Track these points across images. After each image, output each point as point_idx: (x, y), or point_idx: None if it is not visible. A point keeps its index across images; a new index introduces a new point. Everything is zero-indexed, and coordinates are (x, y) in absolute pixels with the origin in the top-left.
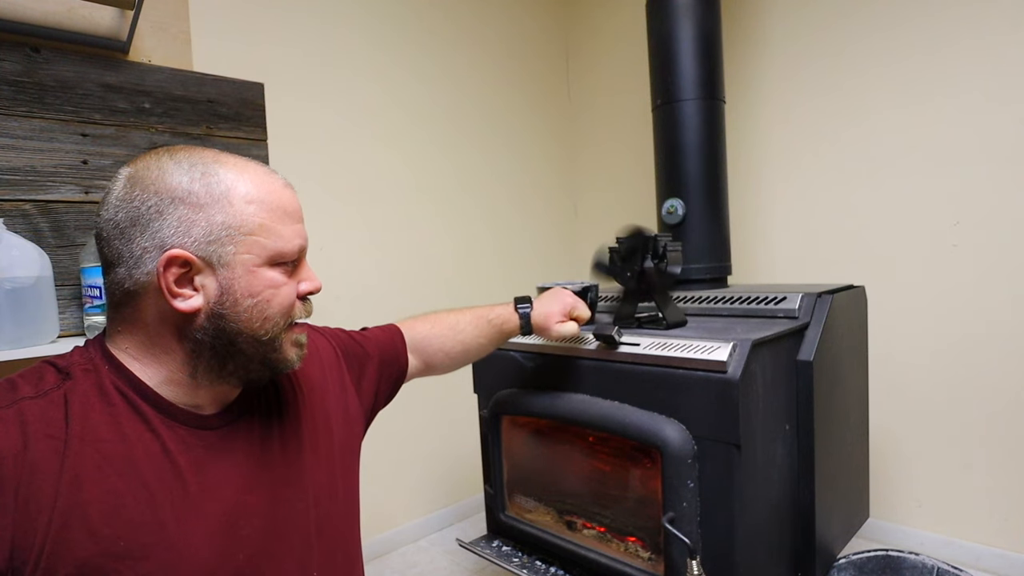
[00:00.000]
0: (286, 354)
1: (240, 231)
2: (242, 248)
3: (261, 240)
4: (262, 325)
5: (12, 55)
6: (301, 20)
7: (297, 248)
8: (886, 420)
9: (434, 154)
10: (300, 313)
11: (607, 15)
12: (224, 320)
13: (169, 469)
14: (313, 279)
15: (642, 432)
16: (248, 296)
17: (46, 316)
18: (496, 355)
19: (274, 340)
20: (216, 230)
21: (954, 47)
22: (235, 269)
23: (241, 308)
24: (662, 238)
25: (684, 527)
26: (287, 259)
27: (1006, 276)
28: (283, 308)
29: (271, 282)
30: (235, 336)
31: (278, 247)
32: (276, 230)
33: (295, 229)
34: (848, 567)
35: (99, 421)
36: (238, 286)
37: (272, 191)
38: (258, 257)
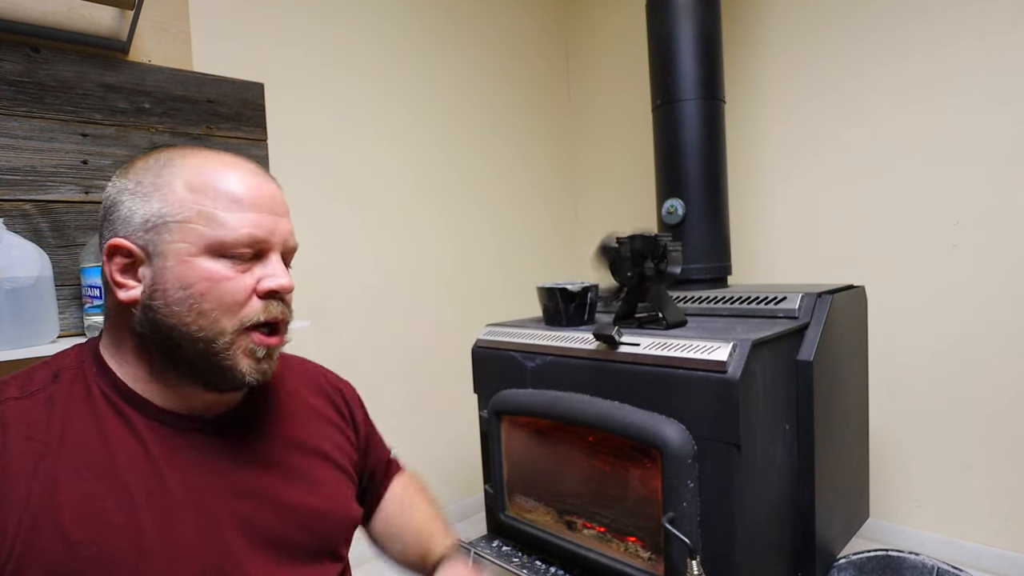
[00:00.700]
0: (236, 363)
1: (175, 218)
2: (176, 236)
3: (198, 228)
4: (195, 320)
5: (12, 55)
6: (301, 20)
7: (245, 238)
8: (886, 420)
9: (434, 154)
10: (256, 314)
11: (607, 15)
12: (155, 312)
13: (151, 472)
14: (277, 275)
15: (642, 432)
16: (180, 288)
17: (46, 316)
18: (496, 355)
19: (214, 342)
20: (153, 217)
21: (954, 47)
22: (168, 259)
23: (171, 300)
24: (662, 238)
25: (684, 527)
26: (230, 250)
27: (1006, 276)
28: (222, 303)
29: (207, 273)
30: (170, 331)
31: (218, 236)
32: (217, 217)
33: (246, 218)
34: (848, 567)
35: (82, 424)
36: (170, 276)
37: (227, 178)
38: (193, 246)
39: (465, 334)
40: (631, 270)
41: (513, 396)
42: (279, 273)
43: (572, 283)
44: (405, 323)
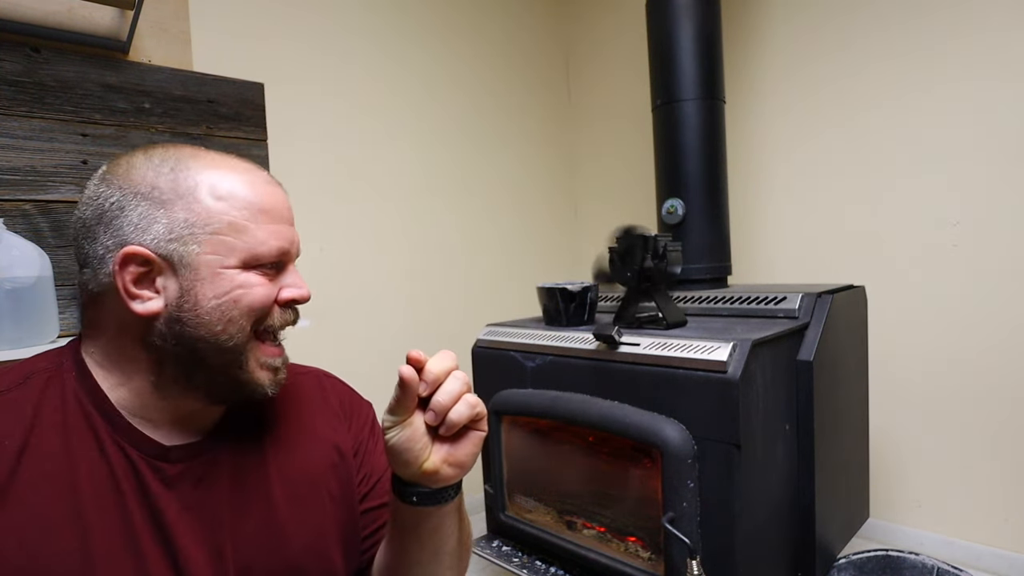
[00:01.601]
0: (254, 375)
1: (205, 229)
2: (207, 248)
3: (229, 239)
4: (225, 328)
5: (12, 55)
6: (301, 20)
7: (275, 250)
8: (886, 420)
9: (434, 154)
10: (275, 320)
11: (607, 14)
12: (183, 325)
13: (113, 498)
14: (299, 285)
15: (642, 432)
16: (212, 298)
17: (46, 316)
18: (496, 355)
19: (238, 350)
20: (178, 227)
21: (954, 46)
22: (199, 270)
23: (203, 311)
24: (662, 238)
25: (684, 527)
26: (262, 262)
27: (1006, 276)
28: (251, 308)
29: (242, 283)
30: (196, 343)
31: (250, 248)
32: (248, 229)
33: (273, 230)
34: (848, 567)
35: (49, 434)
36: (201, 288)
37: (247, 187)
38: (224, 258)
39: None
40: (631, 270)
41: (513, 396)
42: (299, 283)
43: (572, 283)
44: (404, 323)
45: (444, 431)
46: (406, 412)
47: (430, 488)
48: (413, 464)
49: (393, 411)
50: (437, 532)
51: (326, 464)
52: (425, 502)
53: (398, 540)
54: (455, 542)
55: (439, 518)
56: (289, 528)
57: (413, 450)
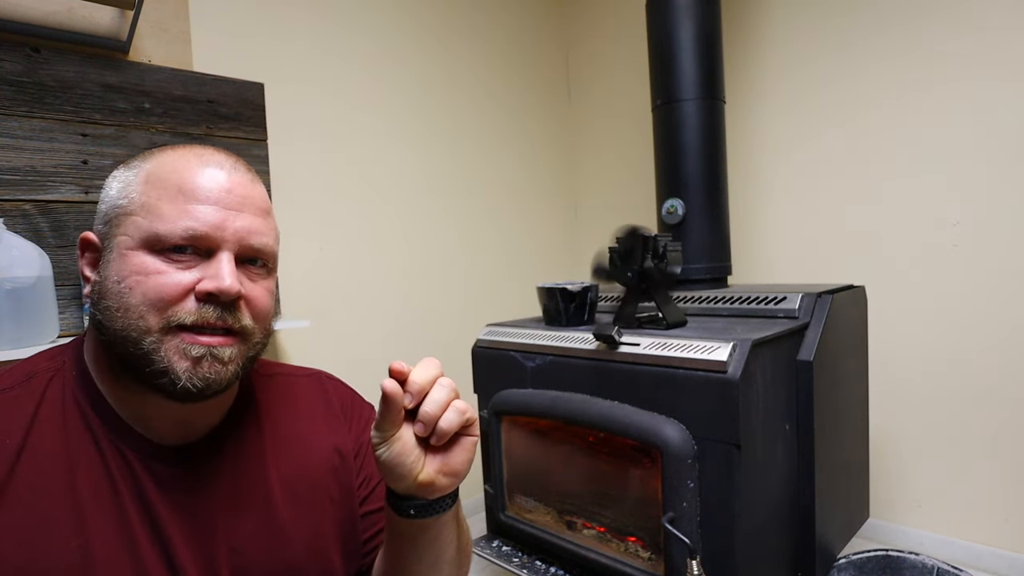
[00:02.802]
0: (171, 363)
1: (124, 210)
2: (121, 229)
3: (138, 220)
4: (123, 317)
5: (12, 55)
6: (301, 20)
7: (182, 230)
8: (886, 420)
9: (434, 154)
10: (186, 315)
11: (607, 14)
12: (96, 308)
13: (111, 499)
14: (219, 276)
15: (642, 432)
16: (115, 281)
17: (46, 316)
18: (496, 355)
19: (140, 341)
20: (110, 210)
21: (954, 46)
22: (112, 252)
23: (107, 295)
24: (662, 238)
25: (684, 527)
26: (166, 243)
27: (1006, 276)
28: (147, 299)
29: (140, 267)
30: (104, 330)
31: (154, 228)
32: (158, 209)
33: (186, 210)
34: (848, 567)
35: (49, 433)
36: (112, 271)
37: (178, 169)
38: (131, 239)
39: (465, 334)
40: (631, 270)
41: (513, 396)
42: (221, 274)
43: (572, 283)
44: (404, 322)
45: (435, 441)
46: (393, 427)
47: (426, 500)
48: (407, 478)
49: (380, 427)
50: (436, 542)
51: (326, 467)
52: (422, 514)
53: (396, 551)
54: (454, 550)
55: (437, 528)
56: (288, 530)
57: (405, 464)
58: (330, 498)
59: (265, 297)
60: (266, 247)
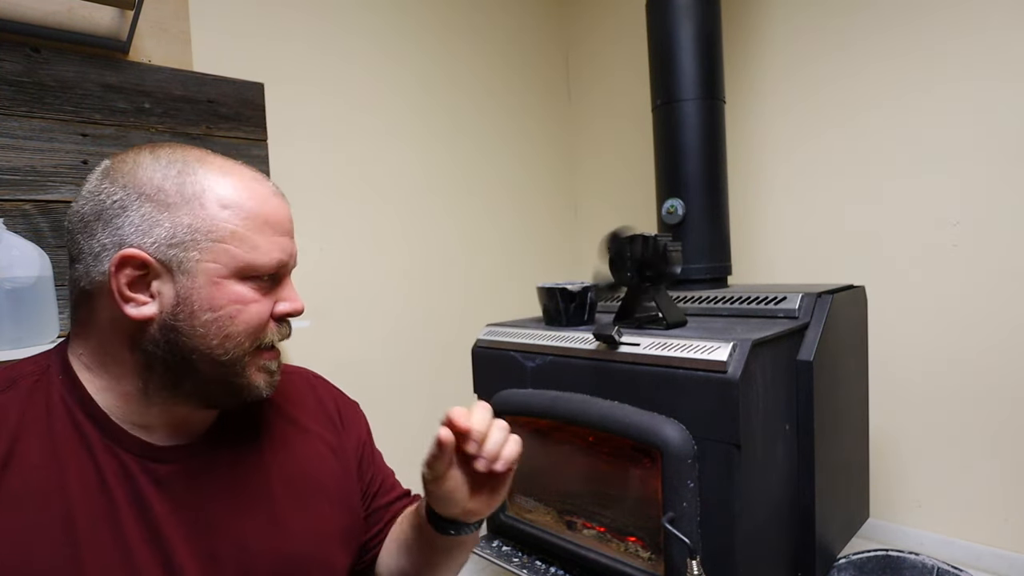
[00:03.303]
0: (251, 379)
1: (208, 236)
2: (208, 256)
3: (231, 249)
4: (221, 344)
5: (12, 55)
6: (301, 20)
7: (275, 262)
8: (886, 420)
9: (434, 154)
10: (272, 336)
11: (607, 14)
12: (178, 334)
13: (103, 503)
14: (294, 299)
15: (642, 432)
16: (208, 310)
17: (46, 316)
18: (496, 355)
19: (236, 363)
20: (181, 232)
21: (954, 46)
22: (197, 278)
23: (198, 322)
24: (662, 238)
25: (684, 527)
26: (260, 273)
27: (1007, 276)
28: (249, 327)
29: (238, 297)
30: (190, 353)
31: (250, 259)
32: (251, 240)
33: (275, 242)
34: (848, 567)
35: (34, 440)
36: (197, 297)
37: (254, 197)
38: (225, 267)
39: (465, 334)
40: (631, 270)
41: (513, 396)
42: (294, 296)
43: (572, 283)
44: (404, 322)
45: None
46: (446, 468)
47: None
48: (456, 507)
49: (433, 468)
50: (464, 548)
51: (322, 463)
52: (461, 532)
53: (426, 558)
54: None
55: (471, 539)
56: (291, 525)
57: (456, 497)
58: (328, 494)
59: None
60: None
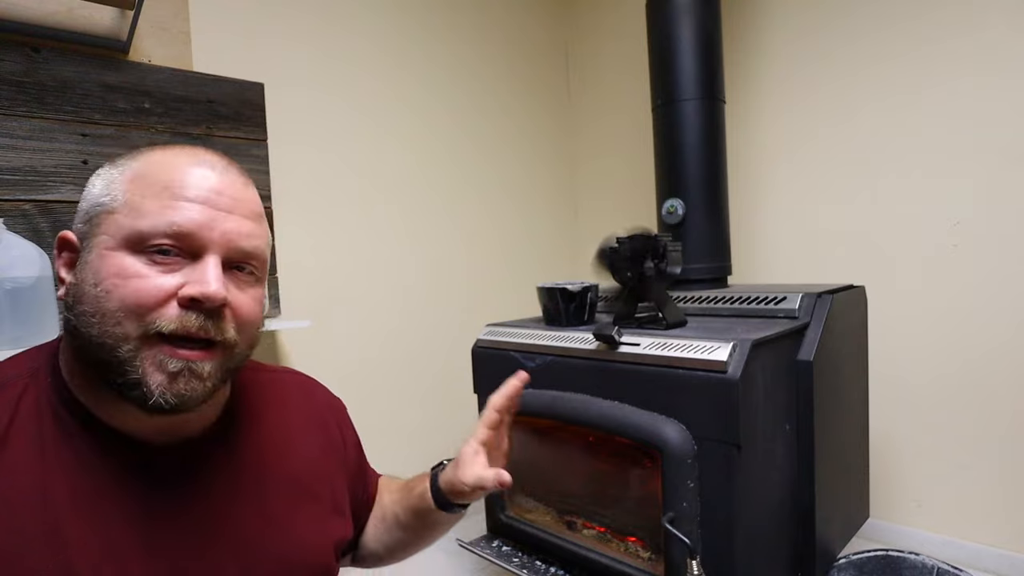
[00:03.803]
0: (144, 376)
1: (106, 208)
2: (101, 228)
3: (120, 219)
4: (99, 323)
5: (12, 55)
6: (301, 20)
7: (164, 226)
8: (886, 420)
9: (434, 154)
10: (167, 323)
11: (607, 14)
12: (72, 314)
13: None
14: (203, 281)
15: (642, 432)
16: (92, 285)
17: (46, 316)
18: (496, 355)
19: (116, 348)
20: (90, 208)
21: (954, 46)
22: (91, 252)
23: (85, 299)
24: (662, 238)
25: (684, 527)
26: (148, 242)
27: (1007, 276)
28: (125, 304)
29: (119, 269)
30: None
31: (136, 226)
32: (140, 206)
33: (171, 206)
34: (848, 567)
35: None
36: (88, 272)
37: (166, 167)
38: (112, 238)
39: (465, 334)
40: (631, 270)
41: None
42: (207, 278)
43: (572, 283)
44: (405, 323)
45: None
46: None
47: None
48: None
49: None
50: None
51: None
52: (464, 507)
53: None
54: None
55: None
56: (287, 531)
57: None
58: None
59: (252, 306)
60: (257, 250)
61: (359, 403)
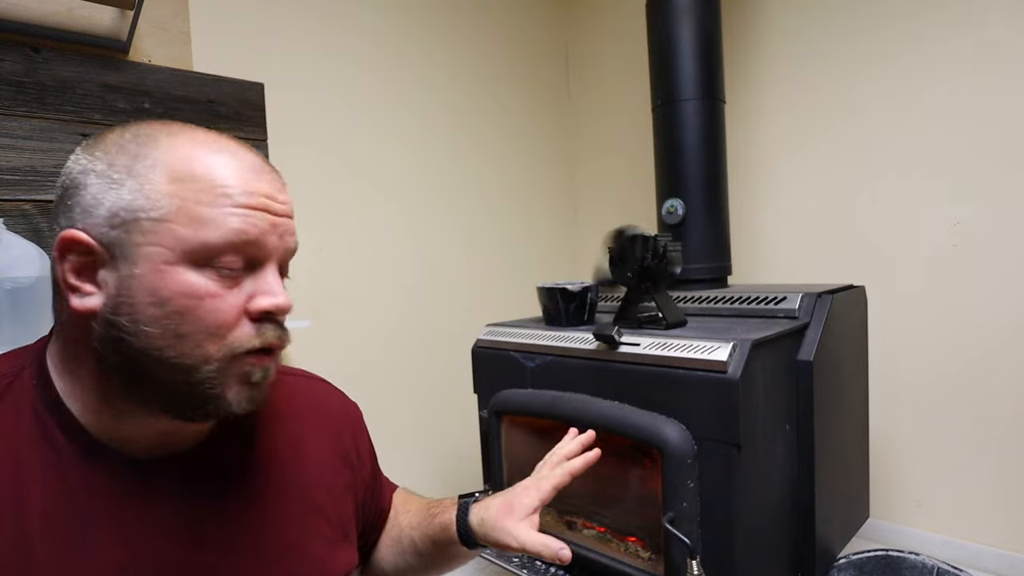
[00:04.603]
0: (225, 393)
1: (150, 215)
2: (151, 238)
3: (177, 229)
4: (172, 346)
5: (12, 55)
6: (302, 20)
7: (232, 236)
8: (886, 420)
9: (434, 154)
10: (248, 341)
11: (607, 14)
12: (120, 331)
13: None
14: (274, 292)
15: (642, 432)
16: (153, 304)
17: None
18: (496, 355)
19: (196, 370)
20: (122, 210)
21: (954, 46)
22: (138, 265)
23: (142, 319)
24: (662, 238)
25: (684, 527)
26: (216, 257)
27: (1007, 276)
28: (206, 327)
29: (188, 289)
30: (138, 356)
31: (201, 238)
32: (200, 215)
33: (234, 213)
34: (848, 567)
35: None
36: (139, 288)
37: (218, 167)
38: (170, 251)
39: (465, 334)
40: (631, 270)
41: (513, 396)
42: (275, 290)
43: (572, 283)
44: (405, 323)
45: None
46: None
47: None
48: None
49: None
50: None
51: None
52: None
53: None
54: None
55: None
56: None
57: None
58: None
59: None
60: (296, 249)
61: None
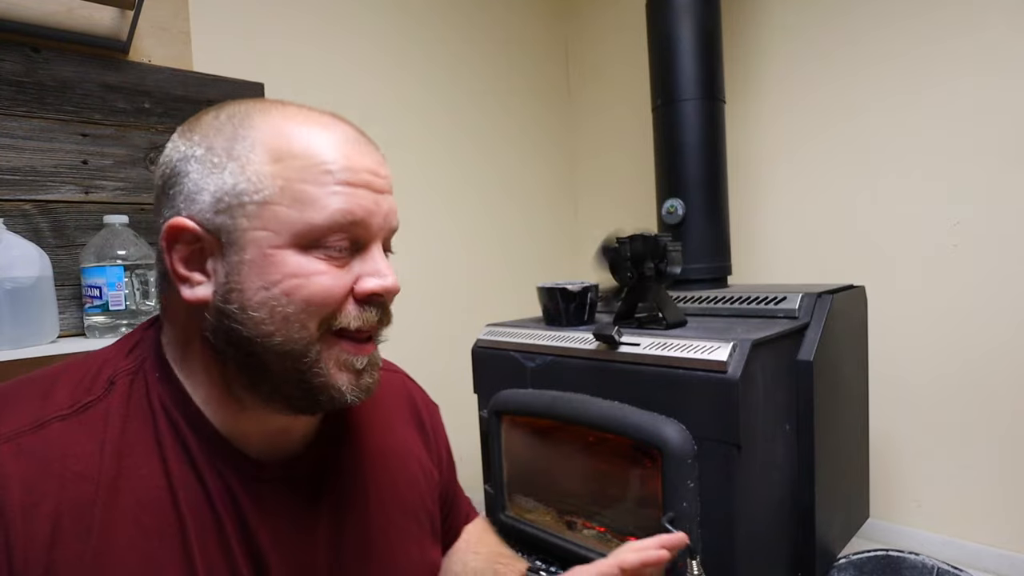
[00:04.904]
0: (331, 378)
1: (255, 198)
2: (256, 222)
3: (281, 211)
4: (280, 329)
5: (12, 55)
6: (301, 20)
7: (338, 216)
8: (886, 420)
9: (434, 153)
10: (351, 320)
11: (607, 14)
12: (231, 320)
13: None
14: (382, 273)
15: (642, 432)
16: (260, 288)
17: (46, 316)
18: (496, 355)
19: (304, 354)
20: (225, 195)
21: (954, 45)
22: (246, 250)
23: (252, 304)
24: (662, 238)
25: (684, 527)
26: (322, 234)
27: (1007, 276)
28: (312, 304)
29: (296, 269)
30: (248, 344)
31: (306, 219)
32: (306, 194)
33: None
34: (848, 567)
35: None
36: (248, 274)
37: (318, 144)
38: (276, 235)
39: (465, 334)
40: (631, 270)
41: (513, 396)
42: (383, 270)
43: (572, 283)
44: (404, 322)
45: None
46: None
47: None
48: None
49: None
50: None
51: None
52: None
53: None
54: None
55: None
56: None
57: None
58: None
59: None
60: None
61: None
